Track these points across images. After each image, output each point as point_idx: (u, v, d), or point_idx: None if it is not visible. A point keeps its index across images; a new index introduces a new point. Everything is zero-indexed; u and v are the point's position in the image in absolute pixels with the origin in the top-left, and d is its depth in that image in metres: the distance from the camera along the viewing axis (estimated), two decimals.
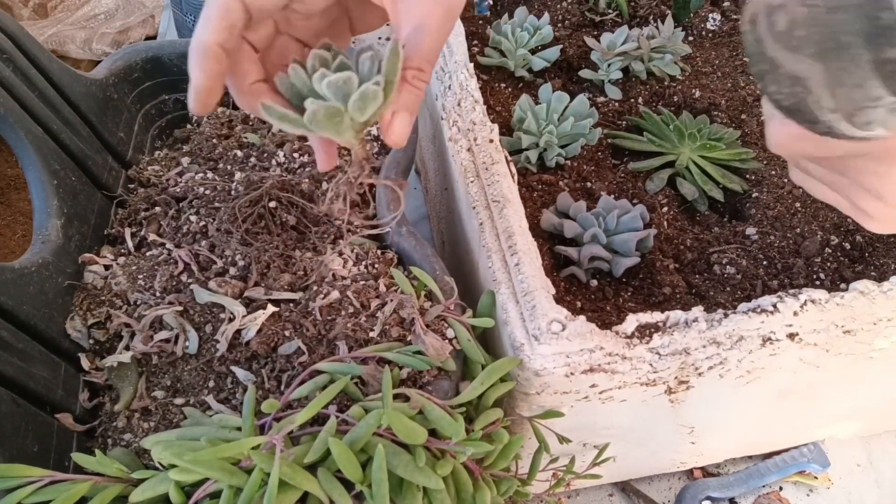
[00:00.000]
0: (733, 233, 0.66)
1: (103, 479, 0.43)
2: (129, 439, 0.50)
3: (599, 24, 0.88)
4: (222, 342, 0.53)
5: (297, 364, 0.52)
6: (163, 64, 0.73)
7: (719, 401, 0.58)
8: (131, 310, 0.56)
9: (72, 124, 0.62)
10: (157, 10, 1.31)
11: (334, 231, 0.61)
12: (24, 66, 0.59)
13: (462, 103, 0.67)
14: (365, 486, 0.39)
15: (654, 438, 0.65)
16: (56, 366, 0.51)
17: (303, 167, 0.67)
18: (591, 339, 0.48)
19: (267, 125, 0.73)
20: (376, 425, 0.41)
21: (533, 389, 0.50)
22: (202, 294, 0.55)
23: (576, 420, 0.55)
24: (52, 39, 1.21)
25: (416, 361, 0.48)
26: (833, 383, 0.61)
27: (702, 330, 0.50)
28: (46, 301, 0.53)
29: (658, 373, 0.50)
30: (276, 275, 0.57)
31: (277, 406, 0.44)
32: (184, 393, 0.52)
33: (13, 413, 0.45)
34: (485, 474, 0.46)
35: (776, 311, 0.51)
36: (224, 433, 0.44)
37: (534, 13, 0.84)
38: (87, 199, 0.62)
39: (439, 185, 0.79)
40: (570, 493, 0.76)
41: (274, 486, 0.37)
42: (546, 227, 0.65)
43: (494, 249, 0.56)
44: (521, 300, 0.52)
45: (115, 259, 0.61)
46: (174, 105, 0.77)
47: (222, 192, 0.63)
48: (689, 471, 0.78)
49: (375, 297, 0.54)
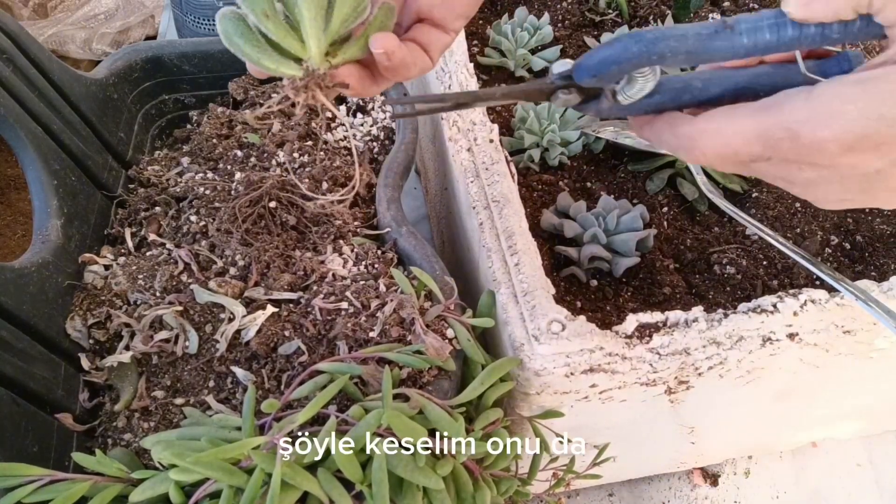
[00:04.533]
0: (733, 233, 0.66)
1: (103, 479, 0.43)
2: (129, 439, 0.50)
3: (599, 24, 0.88)
4: (222, 342, 0.53)
5: (297, 364, 0.52)
6: (163, 64, 0.73)
7: (719, 401, 0.58)
8: (131, 310, 0.56)
9: (72, 124, 0.62)
10: (157, 10, 1.31)
11: (334, 231, 0.61)
12: (25, 66, 0.59)
13: None
14: (365, 486, 0.39)
15: (654, 438, 0.65)
16: (56, 366, 0.51)
17: (303, 167, 0.67)
18: (591, 340, 0.48)
19: (267, 125, 0.73)
20: (376, 425, 0.41)
21: (533, 389, 0.50)
22: (202, 294, 0.55)
23: (576, 420, 0.55)
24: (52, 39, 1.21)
25: (416, 361, 0.47)
26: (833, 383, 0.61)
27: (702, 330, 0.50)
28: (46, 301, 0.53)
29: (658, 373, 0.50)
30: (276, 275, 0.57)
31: (277, 406, 0.44)
32: (184, 393, 0.52)
33: (13, 413, 0.45)
34: (485, 474, 0.46)
35: (776, 311, 0.51)
36: (224, 433, 0.44)
37: (534, 13, 0.84)
38: (87, 199, 0.62)
39: (439, 185, 0.79)
40: (570, 493, 0.76)
41: (276, 486, 0.37)
42: (546, 227, 0.65)
43: (494, 249, 0.55)
44: (521, 300, 0.52)
45: (115, 259, 0.61)
46: (174, 105, 0.77)
47: (222, 192, 0.63)
48: (689, 471, 0.78)
49: (375, 297, 0.54)
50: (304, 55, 0.34)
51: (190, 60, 0.74)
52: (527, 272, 0.53)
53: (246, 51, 0.33)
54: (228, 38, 0.33)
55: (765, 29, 0.32)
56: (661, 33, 0.33)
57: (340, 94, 0.37)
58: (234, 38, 0.33)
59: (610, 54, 0.34)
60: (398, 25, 0.41)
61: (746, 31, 0.32)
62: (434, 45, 0.40)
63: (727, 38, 0.32)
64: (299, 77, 0.34)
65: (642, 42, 0.33)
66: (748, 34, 0.32)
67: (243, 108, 0.75)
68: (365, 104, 0.77)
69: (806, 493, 0.77)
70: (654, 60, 0.33)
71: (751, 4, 0.93)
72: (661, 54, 0.33)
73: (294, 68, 0.34)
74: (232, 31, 0.33)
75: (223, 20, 0.33)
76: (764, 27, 0.32)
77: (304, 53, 0.34)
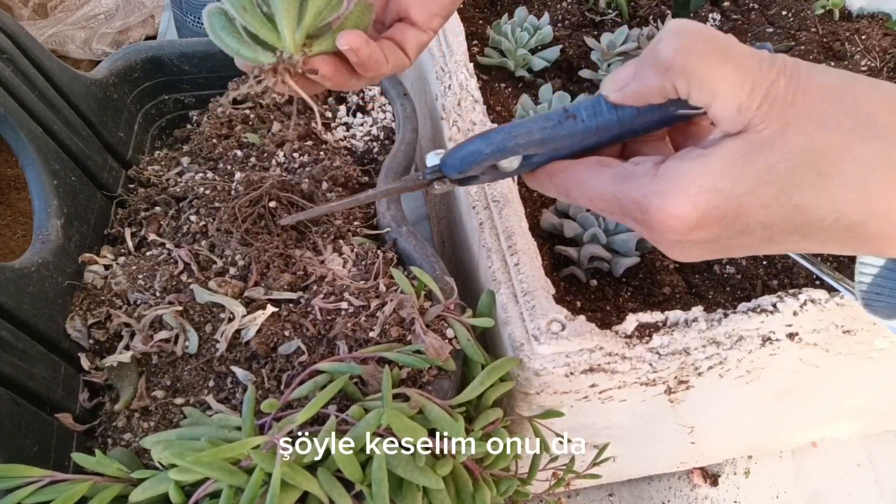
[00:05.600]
0: None
1: (103, 479, 0.43)
2: (129, 439, 0.50)
3: (599, 24, 0.88)
4: (222, 342, 0.53)
5: (297, 364, 0.52)
6: (163, 64, 0.73)
7: (719, 401, 0.58)
8: (131, 310, 0.56)
9: (72, 124, 0.62)
10: (157, 10, 1.31)
11: (334, 231, 0.61)
12: (25, 66, 0.59)
13: (462, 103, 0.67)
14: (365, 485, 0.39)
15: (654, 438, 0.65)
16: (56, 366, 0.51)
17: (303, 167, 0.67)
18: (591, 339, 0.48)
19: (267, 125, 0.73)
20: (376, 425, 0.41)
21: (533, 389, 0.50)
22: (202, 294, 0.55)
23: (576, 420, 0.55)
24: (52, 39, 1.21)
25: (416, 361, 0.47)
26: (833, 383, 0.61)
27: (702, 330, 0.50)
28: (46, 301, 0.53)
29: (658, 373, 0.50)
30: (276, 275, 0.57)
31: (277, 406, 0.44)
32: (184, 393, 0.52)
33: (13, 413, 0.45)
34: (485, 474, 0.46)
35: (776, 311, 0.51)
36: (224, 433, 0.44)
37: (534, 13, 0.84)
38: (87, 199, 0.62)
39: None
40: (570, 493, 0.76)
41: (276, 486, 0.37)
42: (546, 227, 0.65)
43: (494, 249, 0.56)
44: (521, 300, 0.52)
45: (115, 259, 0.61)
46: (174, 105, 0.77)
47: (222, 192, 0.63)
48: (689, 471, 0.78)
49: (375, 297, 0.54)
50: (278, 44, 0.36)
51: (190, 60, 0.74)
52: (527, 272, 0.53)
53: (227, 42, 0.36)
54: (213, 31, 0.36)
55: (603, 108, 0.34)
56: (508, 132, 0.35)
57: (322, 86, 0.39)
58: (218, 31, 0.36)
59: (466, 154, 0.37)
60: (380, 23, 0.42)
61: (587, 117, 0.34)
62: (410, 44, 0.41)
63: (571, 126, 0.35)
64: (271, 63, 0.36)
65: (493, 144, 0.36)
66: (589, 119, 0.34)
67: (243, 107, 0.75)
68: (365, 104, 0.77)
69: (806, 493, 0.77)
70: (509, 154, 0.36)
71: (751, 4, 0.93)
72: (512, 149, 0.36)
73: (269, 57, 0.36)
74: (217, 25, 0.36)
75: (209, 16, 0.36)
76: (602, 106, 0.34)
77: (279, 43, 0.36)
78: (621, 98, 0.33)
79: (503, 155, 0.36)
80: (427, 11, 0.41)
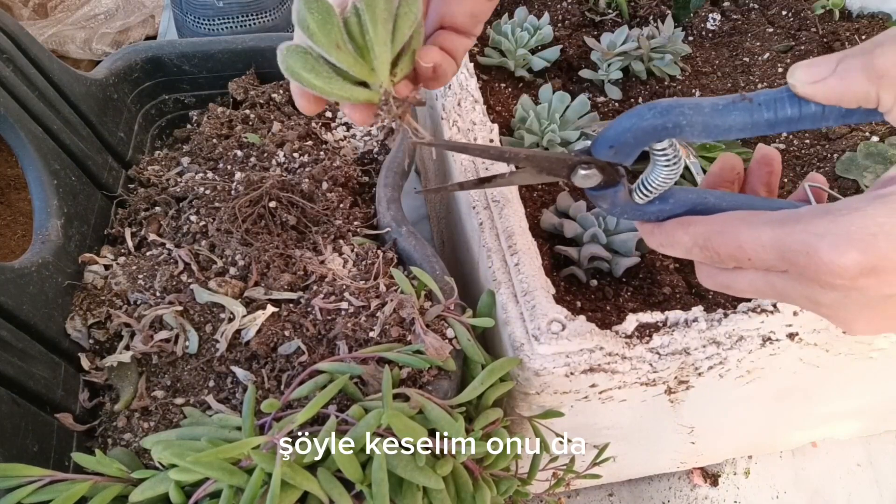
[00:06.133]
0: None
1: (103, 479, 0.43)
2: (129, 439, 0.50)
3: (599, 24, 0.88)
4: (222, 342, 0.53)
5: (297, 364, 0.52)
6: (163, 64, 0.73)
7: (719, 401, 0.58)
8: (131, 310, 0.56)
9: (72, 124, 0.62)
10: (157, 10, 1.31)
11: (334, 231, 0.61)
12: (25, 66, 0.59)
13: (462, 103, 0.67)
14: (365, 485, 0.39)
15: (654, 438, 0.65)
16: (56, 366, 0.51)
17: (303, 167, 0.67)
18: (591, 339, 0.48)
19: (267, 125, 0.73)
20: (376, 425, 0.41)
21: (533, 389, 0.50)
22: (202, 294, 0.55)
23: (576, 420, 0.55)
24: (52, 39, 1.21)
25: (416, 361, 0.47)
26: (833, 383, 0.61)
27: (702, 330, 0.50)
28: (46, 301, 0.53)
29: (658, 373, 0.50)
30: (276, 275, 0.57)
31: (277, 406, 0.44)
32: (184, 393, 0.52)
33: (13, 413, 0.45)
34: (485, 474, 0.46)
35: (776, 311, 0.51)
36: (224, 433, 0.44)
37: (534, 13, 0.84)
38: (87, 199, 0.62)
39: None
40: (570, 493, 0.76)
41: (276, 486, 0.37)
42: (546, 227, 0.65)
43: (494, 249, 0.56)
44: (521, 300, 0.52)
45: (115, 259, 0.61)
46: (174, 105, 0.77)
47: (222, 192, 0.63)
48: (689, 471, 0.78)
49: (375, 297, 0.54)
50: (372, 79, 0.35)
51: (190, 60, 0.74)
52: (527, 272, 0.53)
53: (316, 84, 0.34)
54: (293, 72, 0.34)
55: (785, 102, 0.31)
56: (677, 101, 0.32)
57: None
58: (302, 73, 0.34)
59: (626, 123, 0.34)
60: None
61: (766, 105, 0.31)
62: (459, 51, 0.41)
63: (746, 109, 0.32)
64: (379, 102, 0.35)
65: (656, 109, 0.33)
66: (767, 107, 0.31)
67: (243, 108, 0.75)
68: None
69: (806, 493, 0.77)
70: (670, 129, 0.33)
71: (751, 4, 0.93)
72: (676, 123, 0.32)
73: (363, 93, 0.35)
74: (299, 67, 0.33)
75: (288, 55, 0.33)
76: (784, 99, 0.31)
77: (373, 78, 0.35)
78: (812, 92, 0.30)
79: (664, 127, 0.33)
80: (473, 19, 0.41)
